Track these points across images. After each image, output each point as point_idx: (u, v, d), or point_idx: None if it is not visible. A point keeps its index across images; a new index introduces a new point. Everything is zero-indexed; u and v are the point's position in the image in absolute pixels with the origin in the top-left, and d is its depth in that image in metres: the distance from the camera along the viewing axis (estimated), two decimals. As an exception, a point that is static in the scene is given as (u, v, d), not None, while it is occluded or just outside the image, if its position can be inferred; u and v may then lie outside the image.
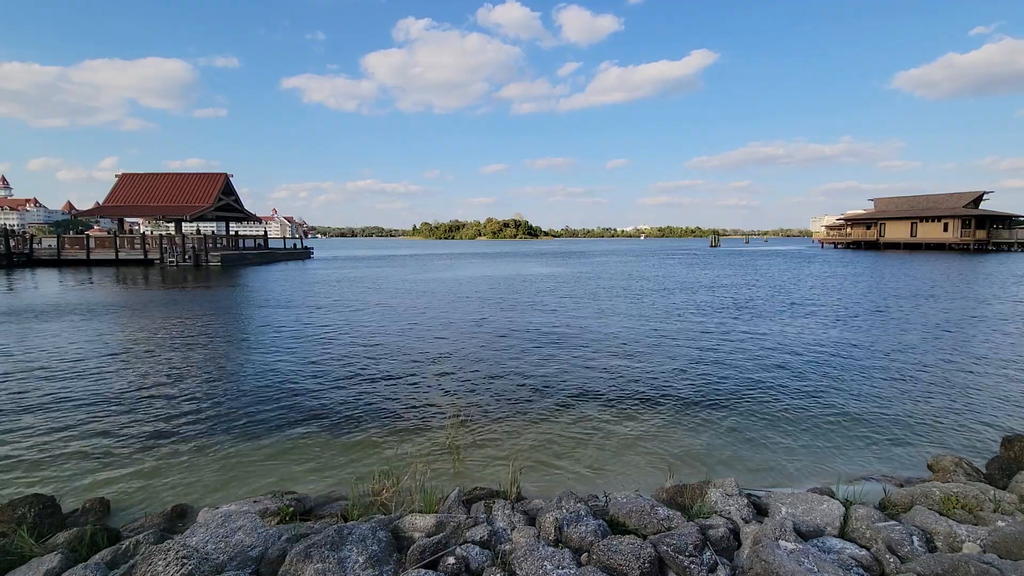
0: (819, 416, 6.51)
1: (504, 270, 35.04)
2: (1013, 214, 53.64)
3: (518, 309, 15.98)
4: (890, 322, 13.17)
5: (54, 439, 5.71)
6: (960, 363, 9.06)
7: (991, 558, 2.87)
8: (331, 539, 2.94)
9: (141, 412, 6.59)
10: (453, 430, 5.92)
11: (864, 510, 3.63)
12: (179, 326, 12.84)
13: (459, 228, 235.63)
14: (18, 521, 3.60)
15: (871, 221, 64.26)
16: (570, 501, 3.84)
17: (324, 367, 8.87)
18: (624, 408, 6.82)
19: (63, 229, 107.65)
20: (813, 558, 2.85)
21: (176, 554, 2.74)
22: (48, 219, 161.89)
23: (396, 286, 23.52)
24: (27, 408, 6.69)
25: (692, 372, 8.55)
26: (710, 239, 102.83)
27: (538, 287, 22.96)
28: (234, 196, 45.42)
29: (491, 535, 3.33)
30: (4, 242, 33.28)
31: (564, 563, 2.93)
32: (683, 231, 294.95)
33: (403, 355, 9.82)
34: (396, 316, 14.64)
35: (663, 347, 10.47)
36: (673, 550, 2.97)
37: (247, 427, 6.13)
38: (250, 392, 7.46)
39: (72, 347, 10.25)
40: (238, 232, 47.33)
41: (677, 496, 4.21)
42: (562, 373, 8.52)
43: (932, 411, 6.70)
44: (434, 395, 7.39)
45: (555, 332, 12.07)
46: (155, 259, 35.63)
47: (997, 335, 11.47)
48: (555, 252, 73.04)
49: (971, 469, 4.75)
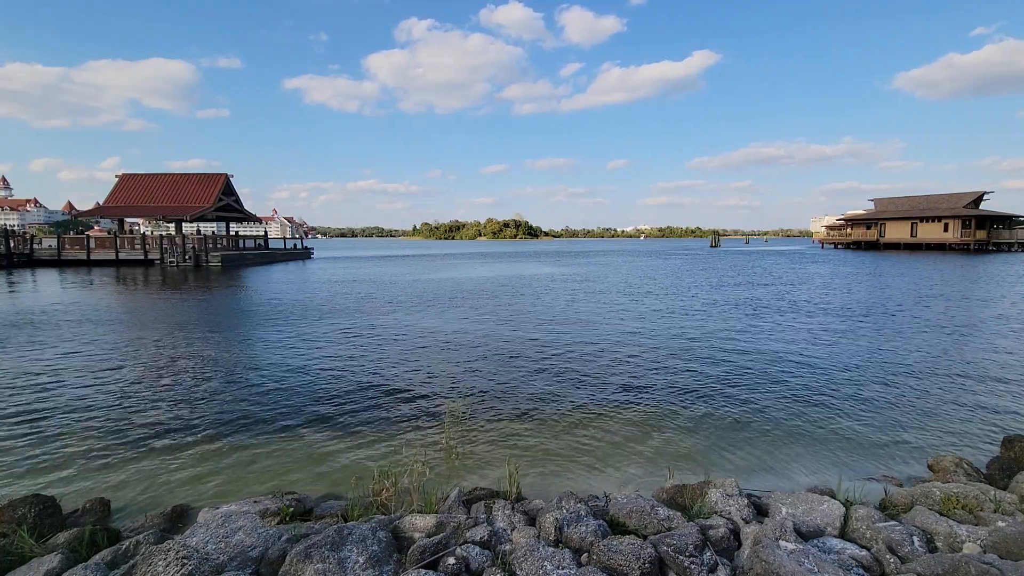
0: (819, 416, 6.51)
1: (504, 270, 35.04)
2: (1013, 214, 53.66)
3: (518, 309, 15.98)
4: (890, 322, 13.17)
5: (54, 439, 5.72)
6: (960, 363, 9.05)
7: (991, 558, 2.87)
8: (331, 539, 2.94)
9: (141, 412, 6.59)
10: (453, 430, 5.92)
11: (864, 510, 3.63)
12: (179, 326, 12.85)
13: (459, 228, 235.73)
14: (18, 521, 3.60)
15: (871, 221, 64.26)
16: (570, 501, 3.84)
17: (324, 367, 8.87)
18: (624, 408, 6.82)
19: (63, 229, 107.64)
20: (813, 558, 2.85)
21: (176, 554, 2.74)
22: (48, 219, 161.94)
23: (395, 286, 23.51)
24: (27, 408, 6.69)
25: (692, 372, 8.55)
26: (710, 239, 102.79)
27: (538, 287, 22.96)
28: (234, 196, 45.44)
29: (491, 535, 3.33)
30: (4, 242, 33.26)
31: (564, 563, 2.93)
32: (683, 231, 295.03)
33: (403, 355, 9.83)
34: (396, 316, 14.64)
35: (663, 347, 10.47)
36: (673, 550, 2.97)
37: (247, 427, 6.13)
38: (250, 392, 7.46)
39: (72, 347, 10.25)
40: (238, 232, 47.32)
41: (677, 496, 4.21)
42: (562, 373, 8.52)
43: (932, 411, 6.70)
44: (434, 395, 7.40)
45: (555, 332, 12.07)
46: (155, 259, 35.64)
47: (997, 335, 11.47)
48: (555, 252, 73.06)
49: (971, 469, 4.76)
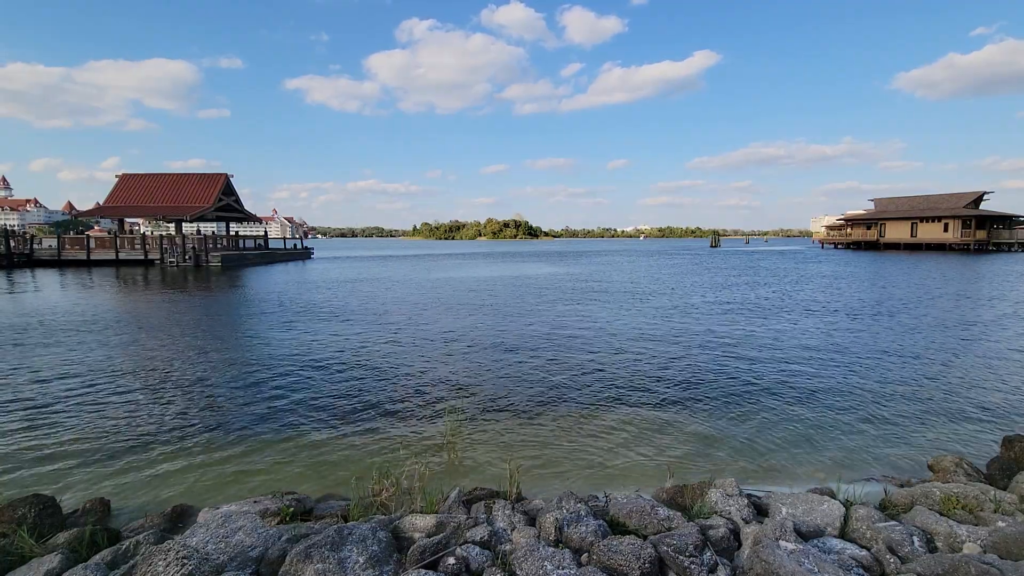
0: (819, 416, 6.51)
1: (504, 271, 35.04)
2: (1013, 214, 53.70)
3: (519, 309, 15.98)
4: (890, 322, 13.16)
5: (55, 439, 5.72)
6: (960, 363, 9.05)
7: (991, 558, 2.87)
8: (331, 539, 2.94)
9: (141, 412, 6.59)
10: (453, 430, 5.92)
11: (864, 510, 3.63)
12: (179, 326, 12.85)
13: (459, 228, 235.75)
14: (18, 521, 3.60)
15: (871, 221, 64.26)
16: (570, 501, 3.83)
17: (324, 367, 8.87)
18: (624, 408, 6.82)
19: (63, 229, 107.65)
20: (813, 558, 2.85)
21: (176, 554, 2.74)
22: (48, 219, 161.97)
23: (395, 286, 23.51)
24: (28, 408, 6.69)
25: (692, 372, 8.55)
26: (710, 239, 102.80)
27: (538, 287, 22.95)
28: (234, 196, 45.45)
29: (491, 535, 3.33)
30: (4, 242, 33.25)
31: (564, 563, 2.93)
32: (683, 231, 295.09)
33: (403, 355, 9.83)
34: (396, 317, 14.64)
35: (664, 347, 10.47)
36: (673, 550, 2.97)
37: (247, 427, 6.13)
38: (251, 392, 7.46)
39: (72, 347, 10.24)
40: (238, 232, 47.34)
41: (677, 496, 4.21)
42: (562, 373, 8.52)
43: (932, 411, 6.70)
44: (434, 395, 7.40)
45: (555, 332, 12.07)
46: (155, 259, 35.64)
47: (997, 335, 11.47)
48: (555, 252, 73.05)
49: (971, 469, 4.75)
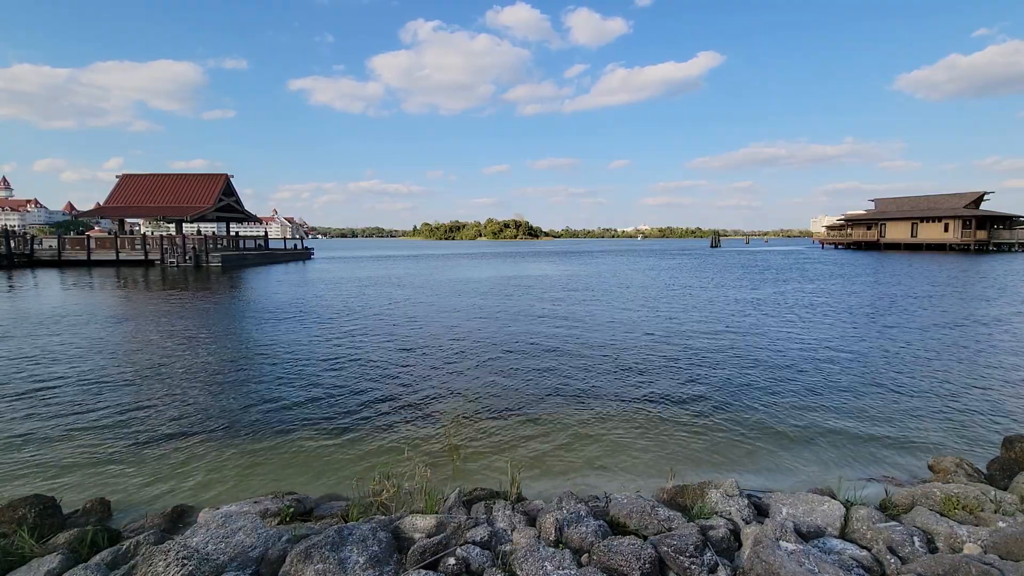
0: (820, 417, 6.51)
1: (505, 270, 35.04)
2: (1014, 214, 53.66)
3: (518, 310, 15.97)
4: (890, 322, 13.16)
5: (55, 440, 5.72)
6: (960, 363, 9.05)
7: (992, 559, 2.87)
8: (331, 540, 2.94)
9: (142, 413, 6.59)
10: (454, 431, 5.92)
11: (865, 511, 3.63)
12: (179, 327, 12.85)
13: (459, 229, 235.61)
14: (18, 521, 3.60)
15: (872, 221, 64.23)
16: (570, 502, 3.84)
17: (325, 367, 8.87)
18: (625, 409, 6.82)
19: (64, 230, 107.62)
20: (814, 559, 2.85)
21: (176, 555, 2.74)
22: (49, 220, 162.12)
23: (396, 287, 23.51)
24: (28, 408, 6.69)
25: (692, 373, 8.55)
26: (710, 240, 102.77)
27: (538, 287, 22.95)
28: (235, 197, 45.48)
29: (491, 536, 3.33)
30: (5, 243, 33.27)
31: (564, 564, 2.93)
32: (683, 231, 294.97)
33: (404, 355, 9.83)
34: (396, 316, 14.64)
35: (663, 348, 10.47)
36: (673, 551, 2.97)
37: (248, 427, 6.13)
38: (251, 393, 7.47)
39: (72, 348, 10.25)
40: (239, 233, 47.36)
41: (677, 497, 4.20)
42: (562, 374, 8.52)
43: (933, 411, 6.69)
44: (435, 396, 7.40)
45: (555, 333, 12.07)
46: (155, 260, 35.64)
47: (997, 335, 11.46)
48: (555, 252, 73.03)
49: (972, 470, 4.75)
